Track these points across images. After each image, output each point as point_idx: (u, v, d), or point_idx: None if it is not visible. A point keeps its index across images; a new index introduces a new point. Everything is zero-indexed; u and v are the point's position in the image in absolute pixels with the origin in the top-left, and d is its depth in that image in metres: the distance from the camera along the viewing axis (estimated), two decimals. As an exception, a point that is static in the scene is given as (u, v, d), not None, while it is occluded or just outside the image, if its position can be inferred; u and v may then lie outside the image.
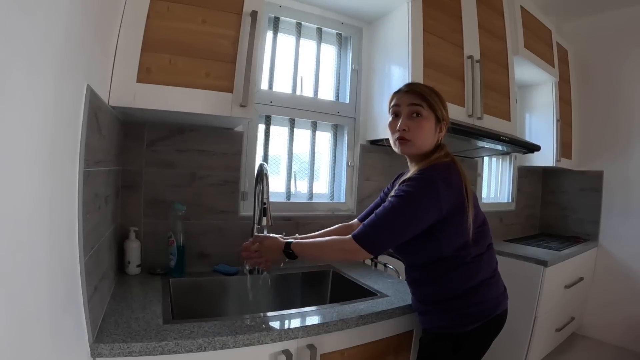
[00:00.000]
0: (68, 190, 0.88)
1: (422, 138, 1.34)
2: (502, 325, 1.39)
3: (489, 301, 1.32)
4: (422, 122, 1.34)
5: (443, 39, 2.16)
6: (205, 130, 1.85)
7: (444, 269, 1.30)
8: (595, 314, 3.41)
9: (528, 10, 2.86)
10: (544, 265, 2.52)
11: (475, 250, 1.30)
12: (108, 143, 1.30)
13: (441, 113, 1.36)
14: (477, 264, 1.31)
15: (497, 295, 1.36)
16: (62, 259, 0.85)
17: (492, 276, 1.36)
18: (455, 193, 1.25)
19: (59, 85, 0.78)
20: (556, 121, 3.22)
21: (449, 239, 1.27)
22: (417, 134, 1.34)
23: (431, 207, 1.21)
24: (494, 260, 1.40)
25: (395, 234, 1.24)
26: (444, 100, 1.38)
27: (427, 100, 1.34)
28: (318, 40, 2.28)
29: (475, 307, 1.30)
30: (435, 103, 1.34)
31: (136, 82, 1.34)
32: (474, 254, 1.30)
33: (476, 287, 1.30)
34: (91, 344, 1.01)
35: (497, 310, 1.33)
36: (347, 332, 1.35)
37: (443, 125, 1.37)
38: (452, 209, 1.24)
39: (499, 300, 1.35)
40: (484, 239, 1.35)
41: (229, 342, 1.13)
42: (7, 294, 0.58)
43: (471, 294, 1.30)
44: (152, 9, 1.37)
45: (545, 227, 3.90)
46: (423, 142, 1.35)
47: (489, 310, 1.32)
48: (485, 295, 1.32)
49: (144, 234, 1.72)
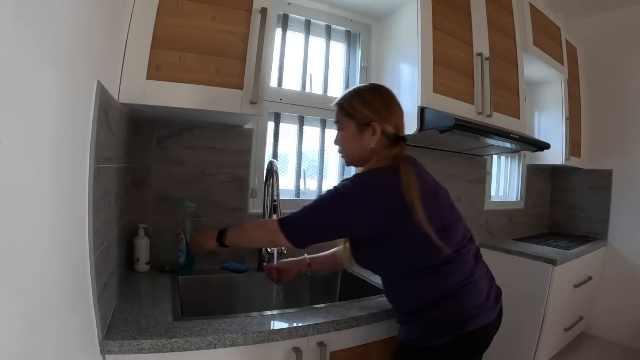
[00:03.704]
0: (78, 187, 0.88)
1: (348, 150, 1.34)
2: (485, 340, 1.23)
3: (458, 314, 1.17)
4: (343, 134, 1.34)
5: (452, 36, 2.14)
6: (214, 128, 1.85)
7: (405, 280, 1.23)
8: (604, 313, 3.38)
9: (537, 8, 2.82)
10: (553, 264, 2.50)
11: (433, 260, 1.19)
12: (118, 140, 1.30)
13: (363, 116, 1.29)
14: (437, 275, 1.19)
15: (470, 308, 1.18)
16: (72, 256, 0.85)
17: (461, 286, 1.19)
18: (387, 201, 1.16)
19: (69, 82, 0.78)
20: (565, 119, 3.18)
21: (396, 248, 1.20)
22: (343, 147, 1.36)
23: (354, 213, 1.17)
24: (464, 269, 1.23)
25: (314, 228, 1.23)
26: (370, 100, 1.30)
27: (344, 109, 1.33)
28: (327, 38, 2.27)
29: (441, 320, 1.17)
30: (352, 109, 1.30)
31: (146, 78, 1.34)
32: (431, 264, 1.19)
33: (440, 298, 1.18)
34: (100, 341, 1.01)
35: (468, 324, 1.16)
36: (357, 329, 1.35)
37: (375, 126, 1.27)
38: (388, 216, 1.17)
39: (473, 314, 1.18)
40: (447, 246, 1.19)
41: (239, 339, 1.13)
42: (17, 290, 0.58)
43: (435, 305, 1.18)
44: (161, 6, 1.36)
45: (554, 226, 3.86)
46: (352, 153, 1.34)
47: (459, 324, 1.16)
48: (453, 307, 1.17)
49: (153, 231, 1.72)
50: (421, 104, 1.93)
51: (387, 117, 1.29)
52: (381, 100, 1.31)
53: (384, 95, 1.33)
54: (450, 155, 2.73)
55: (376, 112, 1.28)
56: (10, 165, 0.55)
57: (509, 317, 2.62)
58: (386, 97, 1.33)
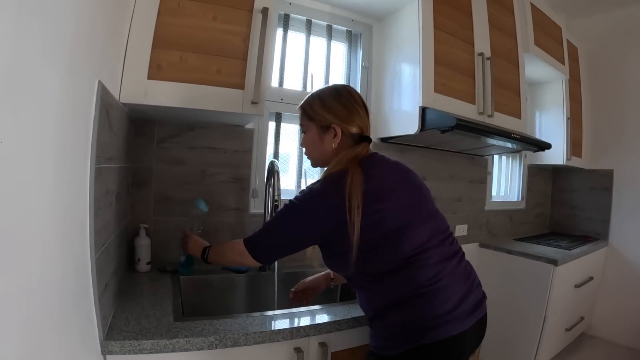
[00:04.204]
0: (79, 187, 0.88)
1: (312, 152, 1.35)
2: (452, 351, 1.11)
3: (414, 323, 1.09)
4: (306, 136, 1.34)
5: (453, 36, 2.14)
6: (215, 128, 1.84)
7: (362, 285, 1.19)
8: (605, 313, 3.37)
9: (538, 7, 2.82)
10: (554, 264, 2.49)
11: (377, 268, 1.14)
12: (119, 140, 1.30)
13: (323, 119, 1.27)
14: (382, 283, 1.14)
15: (428, 318, 1.09)
16: (73, 256, 0.85)
17: (413, 296, 1.10)
18: (331, 207, 1.13)
19: (70, 82, 0.78)
20: (566, 119, 3.18)
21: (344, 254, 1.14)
22: (307, 149, 1.36)
23: (305, 223, 1.17)
24: (422, 276, 1.11)
25: (276, 244, 1.23)
26: (329, 104, 1.28)
27: (306, 112, 1.33)
28: (328, 38, 2.27)
29: (391, 330, 1.12)
30: (313, 112, 1.30)
31: (147, 78, 1.34)
32: (375, 272, 1.14)
33: (384, 309, 1.14)
34: (102, 341, 1.01)
35: (423, 337, 1.07)
36: (359, 330, 1.35)
37: (335, 128, 1.25)
38: (334, 222, 1.12)
39: (431, 325, 1.08)
40: (397, 251, 1.12)
41: (240, 339, 1.13)
42: (19, 290, 0.58)
43: (382, 315, 1.14)
44: (162, 6, 1.36)
45: (555, 226, 3.86)
46: (315, 155, 1.34)
47: (416, 334, 1.08)
48: (400, 317, 1.11)
49: (154, 232, 1.72)
50: (422, 104, 1.93)
51: (347, 119, 1.27)
52: (340, 102, 1.28)
53: (342, 97, 1.29)
54: (451, 155, 2.72)
55: (336, 115, 1.27)
56: (12, 165, 0.55)
57: (510, 317, 2.64)
58: (345, 99, 1.29)
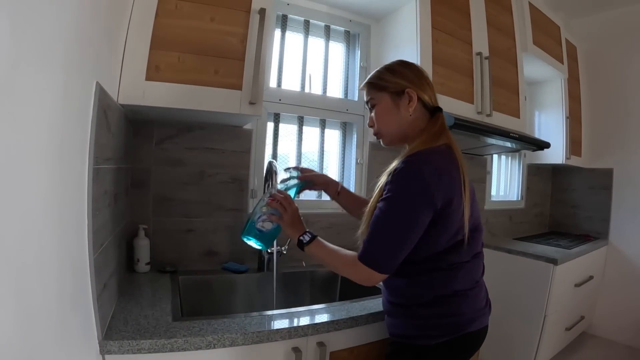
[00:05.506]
0: (77, 187, 0.88)
1: (385, 125, 1.24)
2: (477, 345, 1.20)
3: (462, 315, 1.13)
4: (378, 109, 1.24)
5: (451, 36, 2.14)
6: (214, 128, 1.85)
7: (416, 271, 1.14)
8: (605, 312, 3.38)
9: (536, 7, 2.83)
10: (554, 263, 2.49)
11: (457, 257, 1.13)
12: (117, 141, 1.30)
13: (396, 84, 1.19)
14: (455, 272, 1.13)
15: (474, 311, 1.17)
16: (72, 256, 0.85)
17: (470, 288, 1.16)
18: (445, 184, 1.07)
19: (68, 83, 0.78)
20: (565, 118, 3.18)
21: (434, 240, 1.10)
22: (379, 123, 1.25)
23: (424, 203, 1.05)
24: (478, 271, 1.21)
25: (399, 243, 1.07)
26: (400, 71, 1.22)
27: (374, 84, 1.24)
28: (326, 38, 2.28)
29: (444, 319, 1.12)
30: (383, 80, 1.22)
31: (145, 79, 1.34)
32: (454, 260, 1.13)
33: (448, 297, 1.13)
34: (100, 341, 1.01)
35: (470, 327, 1.14)
36: (357, 329, 1.35)
37: (410, 92, 1.18)
38: (444, 201, 1.06)
39: (474, 317, 1.16)
40: (470, 246, 1.14)
41: (238, 339, 1.13)
42: (16, 289, 0.58)
43: (441, 303, 1.13)
44: (160, 7, 1.37)
45: (554, 225, 3.86)
46: (390, 128, 1.23)
47: (460, 325, 1.13)
48: (458, 308, 1.13)
49: (153, 232, 1.72)
50: (421, 104, 1.92)
51: (420, 84, 1.20)
52: (410, 70, 1.22)
53: (411, 66, 1.24)
54: (451, 154, 2.71)
55: (408, 80, 1.19)
56: (10, 166, 0.55)
57: (511, 317, 2.64)
58: (414, 68, 1.24)
